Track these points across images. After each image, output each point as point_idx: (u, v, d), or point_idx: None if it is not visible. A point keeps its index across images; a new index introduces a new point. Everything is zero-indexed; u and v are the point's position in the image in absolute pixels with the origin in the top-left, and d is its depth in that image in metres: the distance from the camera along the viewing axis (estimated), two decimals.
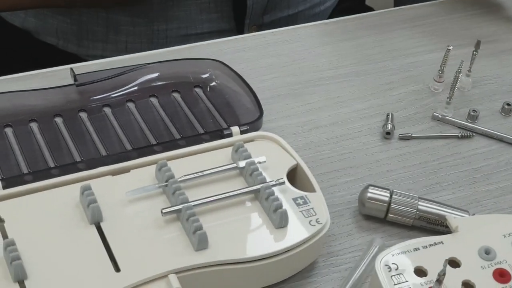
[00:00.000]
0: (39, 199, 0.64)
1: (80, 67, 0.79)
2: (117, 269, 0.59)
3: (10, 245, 0.58)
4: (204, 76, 0.79)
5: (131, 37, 0.96)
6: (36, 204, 0.63)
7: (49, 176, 0.66)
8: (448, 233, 0.66)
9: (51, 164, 0.68)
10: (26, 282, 0.58)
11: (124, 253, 0.60)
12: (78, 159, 0.69)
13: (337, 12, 1.11)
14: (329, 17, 1.04)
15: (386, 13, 0.96)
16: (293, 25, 0.93)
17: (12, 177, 0.66)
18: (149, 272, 0.59)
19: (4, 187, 0.64)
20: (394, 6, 1.06)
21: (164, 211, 0.62)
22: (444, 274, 0.59)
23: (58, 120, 0.73)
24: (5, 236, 0.60)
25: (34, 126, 0.73)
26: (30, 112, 0.73)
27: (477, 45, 0.83)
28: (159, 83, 0.78)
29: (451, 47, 0.82)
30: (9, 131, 0.72)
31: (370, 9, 1.17)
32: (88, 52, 0.98)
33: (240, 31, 1.00)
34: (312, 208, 0.65)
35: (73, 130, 0.72)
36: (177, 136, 0.73)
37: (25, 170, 0.68)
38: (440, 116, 0.82)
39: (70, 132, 0.72)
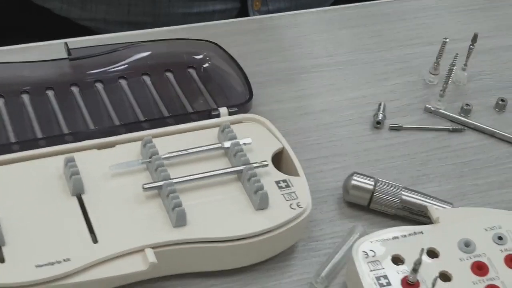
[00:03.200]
0: (24, 168, 0.65)
1: (75, 42, 0.79)
2: (95, 240, 0.60)
3: None
4: (198, 57, 0.80)
5: None
6: (21, 173, 0.64)
7: (35, 146, 0.67)
8: (430, 224, 0.66)
9: (39, 135, 0.69)
10: (3, 249, 0.58)
11: (103, 225, 0.61)
12: (66, 131, 0.70)
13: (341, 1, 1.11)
14: (332, 5, 1.04)
15: (387, 4, 0.96)
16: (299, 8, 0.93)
17: None
18: (126, 245, 0.60)
19: None
20: None
21: (145, 186, 0.63)
22: (419, 263, 0.60)
23: (50, 93, 0.74)
24: None
25: (25, 97, 0.74)
26: (23, 84, 0.74)
27: (474, 38, 0.83)
28: (153, 62, 0.78)
29: (447, 40, 0.82)
30: (0, 101, 0.73)
31: None
32: (91, 15, 0.98)
33: (245, 11, 1.01)
34: (294, 192, 0.66)
35: (63, 104, 0.73)
36: (166, 114, 0.73)
37: (12, 139, 0.69)
38: (432, 109, 0.82)
39: (61, 105, 0.73)
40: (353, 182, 0.70)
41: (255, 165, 0.66)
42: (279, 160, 0.70)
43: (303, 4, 1.03)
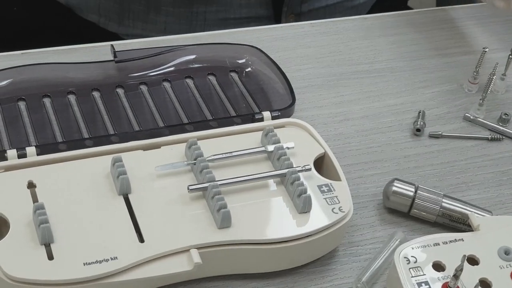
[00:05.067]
0: (71, 168, 0.66)
1: (121, 45, 0.80)
2: (141, 239, 0.61)
3: (39, 208, 0.60)
4: (240, 61, 0.81)
5: (170, 17, 0.98)
6: (68, 172, 0.65)
7: (82, 146, 0.68)
8: (470, 232, 0.66)
9: (85, 135, 0.71)
10: (52, 246, 0.59)
11: (149, 225, 0.62)
12: (111, 132, 0.71)
13: (377, 10, 1.11)
14: (369, 13, 1.05)
15: (426, 12, 0.96)
16: (331, 16, 0.94)
17: (47, 145, 0.68)
18: (172, 245, 0.61)
19: (39, 154, 0.66)
20: (437, 6, 1.07)
21: (190, 187, 0.64)
22: (461, 270, 0.60)
23: (96, 94, 0.75)
24: (35, 201, 0.62)
25: (72, 98, 0.75)
26: (69, 85, 0.75)
27: None
28: (196, 65, 0.79)
29: (487, 49, 0.82)
30: (47, 101, 0.74)
31: (410, 9, 1.17)
32: (128, 31, 1.00)
33: (278, 19, 1.01)
34: (336, 197, 0.66)
35: (109, 105, 0.74)
36: (209, 117, 0.74)
37: (59, 139, 0.70)
38: (471, 117, 0.82)
39: (106, 106, 0.74)
40: (394, 188, 0.71)
41: (298, 169, 0.66)
42: (320, 164, 0.70)
43: None
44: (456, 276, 0.60)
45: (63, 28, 1.03)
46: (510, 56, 0.84)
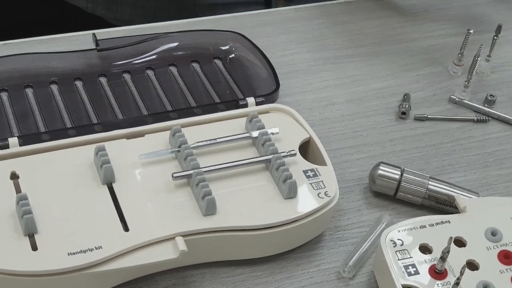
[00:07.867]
0: (54, 158, 0.65)
1: (103, 33, 0.80)
2: (126, 228, 0.61)
3: (22, 199, 0.60)
4: (224, 48, 0.80)
5: (159, 2, 0.97)
6: (51, 162, 0.65)
7: (65, 136, 0.67)
8: (457, 214, 0.66)
9: (68, 125, 0.70)
10: (36, 236, 0.59)
11: (134, 213, 0.62)
12: (95, 121, 0.71)
13: None
14: None
15: None
16: (323, 1, 0.93)
17: (29, 135, 0.67)
18: (157, 233, 0.60)
19: (21, 144, 0.66)
20: None
21: (175, 175, 0.63)
22: (448, 252, 0.60)
23: (78, 83, 0.75)
24: (18, 191, 0.62)
25: (54, 88, 0.74)
26: (51, 74, 0.75)
27: (498, 29, 0.83)
28: (179, 53, 0.79)
29: (471, 31, 0.82)
30: (29, 91, 0.73)
31: None
32: (116, 15, 0.99)
33: (268, 4, 1.01)
34: (322, 181, 0.66)
35: (92, 94, 0.74)
36: (193, 104, 0.74)
37: (42, 129, 0.69)
38: (457, 99, 0.82)
39: (89, 95, 0.74)
40: (380, 171, 0.70)
41: (283, 154, 0.66)
42: (305, 149, 0.70)
43: None
44: (443, 258, 0.60)
45: (48, 16, 1.03)
46: (495, 38, 0.83)
